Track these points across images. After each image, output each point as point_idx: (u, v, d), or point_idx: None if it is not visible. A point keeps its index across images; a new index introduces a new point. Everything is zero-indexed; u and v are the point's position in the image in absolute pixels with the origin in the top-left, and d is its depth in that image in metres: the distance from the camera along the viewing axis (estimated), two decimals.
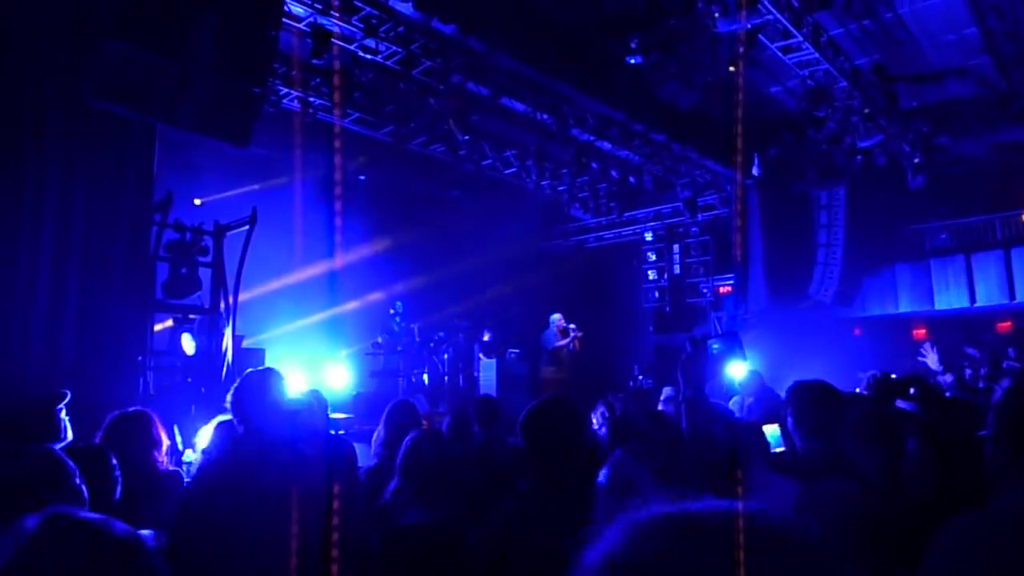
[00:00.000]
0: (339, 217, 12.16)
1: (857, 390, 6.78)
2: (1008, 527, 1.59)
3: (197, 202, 10.79)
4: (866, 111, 11.46)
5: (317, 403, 4.07)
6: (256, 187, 11.15)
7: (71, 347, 5.75)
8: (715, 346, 2.80)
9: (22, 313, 5.52)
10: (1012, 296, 13.55)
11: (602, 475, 2.03)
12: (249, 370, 3.29)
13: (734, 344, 2.86)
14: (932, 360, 8.71)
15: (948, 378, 9.61)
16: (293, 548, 2.73)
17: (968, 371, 10.32)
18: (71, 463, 1.95)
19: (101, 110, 5.54)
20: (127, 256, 6.33)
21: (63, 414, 3.31)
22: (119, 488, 2.86)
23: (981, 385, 9.38)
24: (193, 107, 5.75)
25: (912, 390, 4.29)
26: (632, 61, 9.68)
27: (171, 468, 3.79)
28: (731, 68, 9.81)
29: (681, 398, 2.71)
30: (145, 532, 1.76)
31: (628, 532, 0.72)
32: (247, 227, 7.89)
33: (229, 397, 3.17)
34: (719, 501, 0.75)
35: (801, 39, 9.65)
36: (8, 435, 2.82)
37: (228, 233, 7.99)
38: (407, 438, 3.29)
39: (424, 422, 5.00)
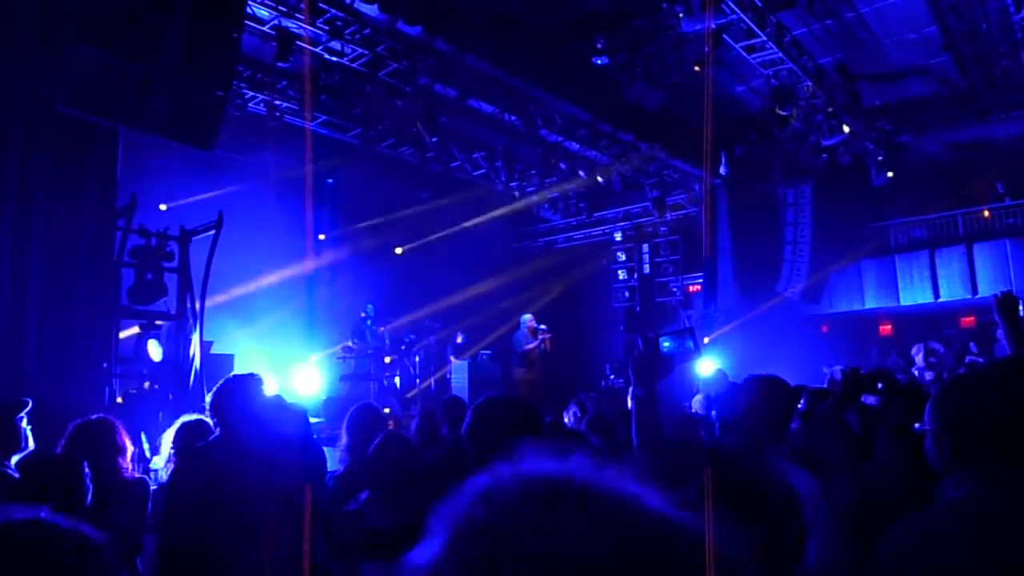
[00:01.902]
0: (309, 220, 12.07)
1: (825, 385, 6.87)
2: (949, 527, 1.58)
3: (163, 207, 10.64)
4: (830, 110, 11.63)
5: (293, 411, 4.05)
6: (221, 191, 11.02)
7: (34, 355, 5.64)
8: (665, 343, 2.79)
9: None
10: (974, 291, 13.81)
11: None
12: (231, 374, 3.30)
13: (686, 339, 2.85)
14: (920, 359, 8.82)
15: (929, 375, 9.74)
16: (266, 549, 2.73)
17: (930, 370, 10.48)
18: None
19: (63, 115, 5.45)
20: (91, 262, 6.22)
21: (24, 423, 3.25)
22: (89, 495, 2.86)
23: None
24: (158, 111, 5.68)
25: (879, 385, 4.35)
26: (599, 62, 9.73)
27: (136, 475, 3.74)
28: (696, 68, 9.90)
29: (630, 396, 2.70)
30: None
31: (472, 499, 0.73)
32: (213, 231, 7.79)
33: (208, 399, 3.16)
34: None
35: (765, 39, 9.76)
36: None
37: (194, 238, 7.88)
38: (373, 443, 3.29)
39: (391, 423, 4.99)
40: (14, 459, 3.10)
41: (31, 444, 3.25)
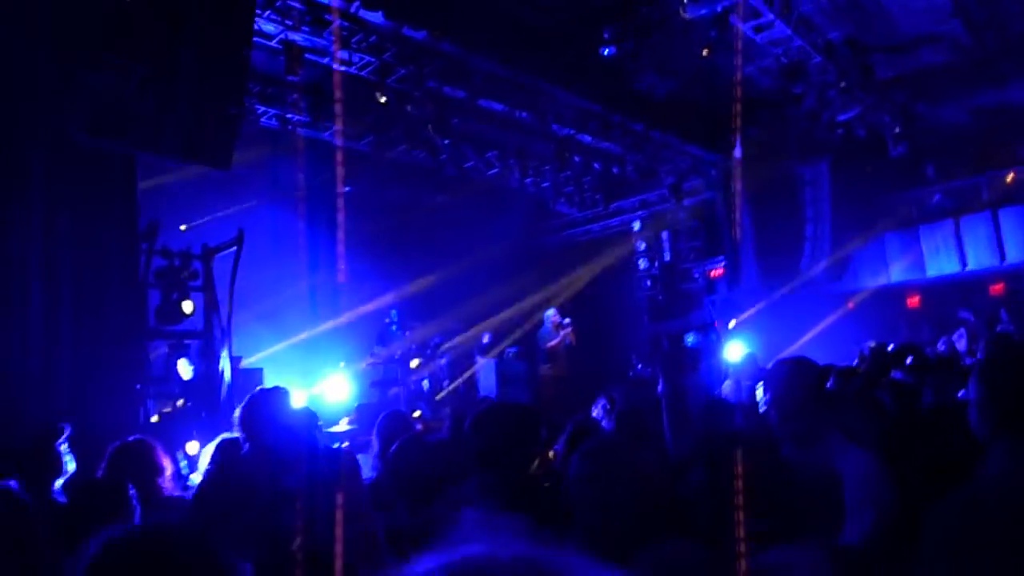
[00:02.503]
0: (340, 231, 12.12)
1: (856, 363, 6.81)
2: (997, 498, 1.57)
3: (183, 228, 10.76)
4: (842, 85, 11.50)
5: (309, 419, 4.09)
6: (240, 207, 11.11)
7: (68, 380, 5.75)
8: (689, 338, 2.83)
9: (18, 349, 5.52)
10: (1003, 257, 13.61)
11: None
12: (258, 388, 3.34)
13: (709, 334, 2.88)
14: (963, 344, 8.67)
15: (962, 346, 9.57)
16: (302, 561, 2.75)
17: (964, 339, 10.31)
18: (23, 501, 1.97)
19: (85, 146, 5.55)
20: (118, 286, 6.33)
21: (63, 447, 3.32)
22: (136, 517, 2.90)
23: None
24: (174, 134, 5.76)
25: (909, 360, 4.31)
26: (606, 52, 9.70)
27: (176, 494, 3.80)
28: (704, 53, 9.84)
29: (659, 393, 2.73)
30: None
31: None
32: (235, 248, 7.89)
33: (237, 414, 3.20)
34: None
35: (773, 17, 9.67)
36: (6, 472, 2.83)
37: (216, 255, 7.98)
38: (393, 447, 3.32)
39: (420, 427, 5.02)
40: (58, 483, 3.16)
41: (72, 467, 3.32)
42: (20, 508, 1.96)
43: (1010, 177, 14.16)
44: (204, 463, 4.58)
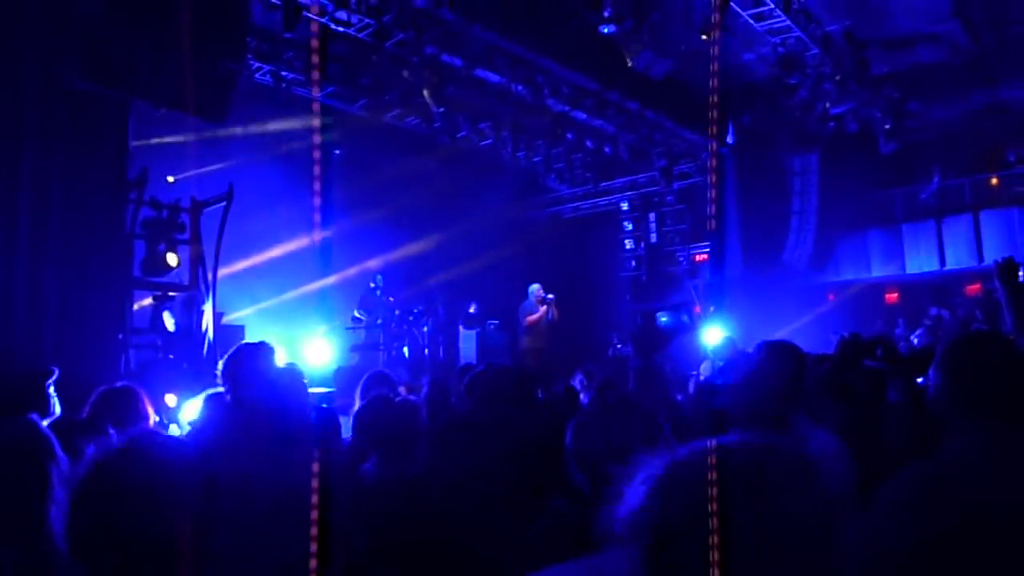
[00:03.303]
0: (317, 192, 12.09)
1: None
2: (951, 476, 1.66)
3: (170, 179, 10.69)
4: (837, 78, 11.57)
5: (295, 377, 4.13)
6: (228, 163, 11.04)
7: (52, 326, 5.77)
8: (663, 318, 2.92)
9: (2, 294, 5.52)
10: (981, 259, 13.82)
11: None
12: (242, 342, 3.37)
13: (681, 313, 2.97)
14: (923, 340, 8.80)
15: (926, 341, 9.75)
16: (288, 519, 2.81)
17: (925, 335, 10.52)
18: (51, 434, 2.04)
19: (76, 89, 5.51)
20: (104, 235, 6.33)
21: (51, 390, 3.36)
22: None
23: None
24: (169, 83, 5.74)
25: (879, 351, 4.42)
26: (605, 30, 9.69)
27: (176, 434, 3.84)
28: (703, 37, 9.85)
29: (630, 367, 2.82)
30: None
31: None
32: (224, 203, 7.87)
33: (220, 367, 3.23)
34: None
35: (772, 6, 9.71)
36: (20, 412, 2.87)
37: (205, 210, 7.96)
38: (359, 407, 3.39)
39: (403, 389, 5.08)
40: (44, 423, 3.20)
41: (58, 410, 3.36)
42: (44, 439, 2.04)
43: (994, 181, 14.34)
44: (184, 416, 4.62)
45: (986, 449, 1.71)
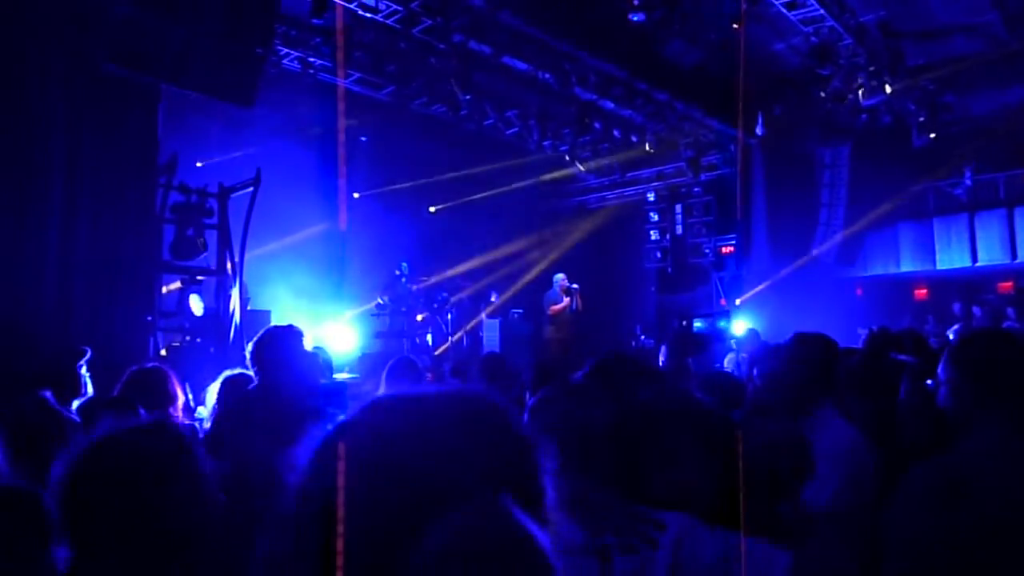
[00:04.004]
0: (342, 178, 12.15)
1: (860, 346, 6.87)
2: (971, 471, 1.63)
3: (199, 164, 10.78)
4: (871, 69, 11.38)
5: (321, 361, 4.16)
6: (255, 148, 11.11)
7: (83, 308, 5.84)
8: (698, 323, 2.93)
9: (34, 276, 5.60)
10: (1014, 256, 13.57)
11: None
12: (271, 324, 3.40)
13: (719, 318, 2.97)
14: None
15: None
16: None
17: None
18: (67, 413, 2.07)
19: (108, 74, 5.56)
20: (135, 217, 6.39)
21: (83, 370, 3.41)
22: None
23: None
24: (199, 69, 5.77)
25: (908, 343, 4.37)
26: (635, 19, 9.60)
27: (186, 422, 3.90)
28: (735, 25, 9.73)
29: (663, 367, 2.81)
30: None
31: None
32: (251, 188, 7.91)
33: (249, 348, 3.26)
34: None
35: None
36: (34, 389, 2.92)
37: (232, 195, 8.01)
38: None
39: (428, 376, 5.10)
40: (75, 404, 3.25)
41: (90, 390, 3.41)
42: (54, 413, 2.07)
43: None
44: (211, 399, 4.67)
45: (1006, 444, 1.69)
